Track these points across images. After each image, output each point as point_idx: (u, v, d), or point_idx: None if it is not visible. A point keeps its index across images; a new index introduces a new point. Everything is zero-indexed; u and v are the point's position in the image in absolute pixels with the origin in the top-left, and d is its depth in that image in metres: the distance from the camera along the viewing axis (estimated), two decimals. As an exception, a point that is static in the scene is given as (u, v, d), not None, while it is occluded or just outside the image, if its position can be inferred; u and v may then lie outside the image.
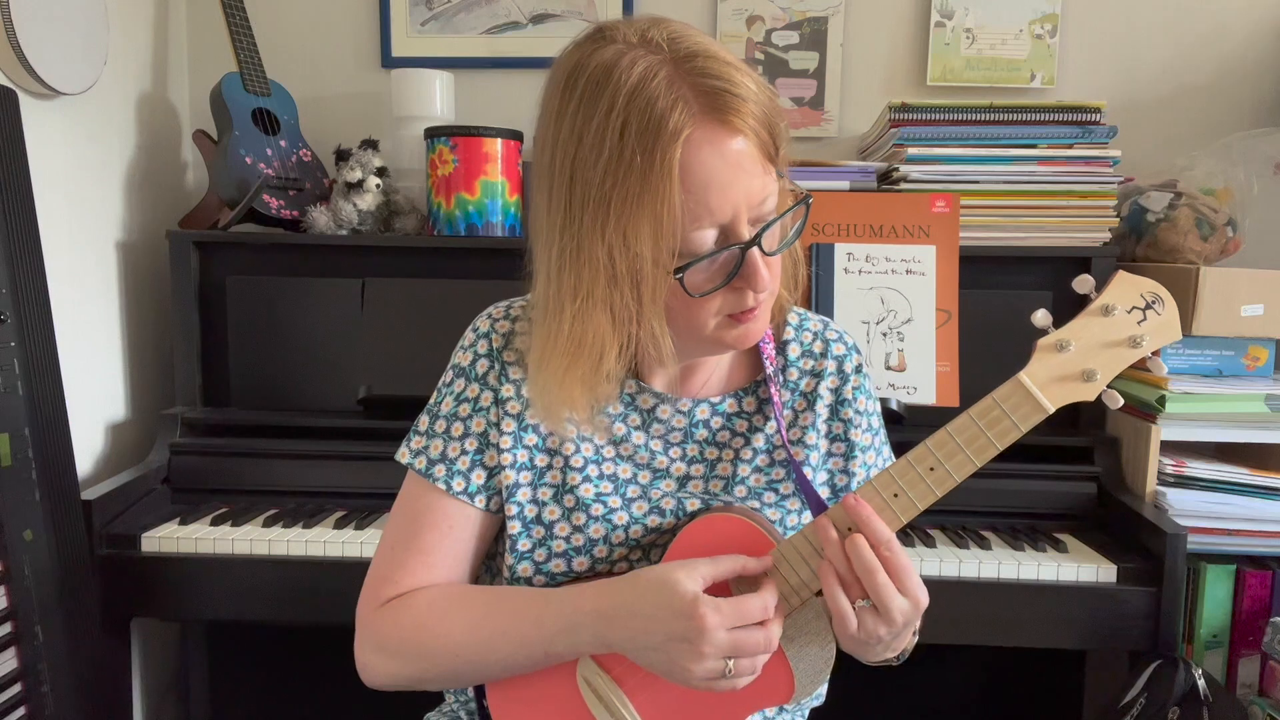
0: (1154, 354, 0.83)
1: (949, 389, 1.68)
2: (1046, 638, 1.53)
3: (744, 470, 0.98)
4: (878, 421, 1.06)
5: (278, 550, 1.55)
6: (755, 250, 0.84)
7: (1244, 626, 1.61)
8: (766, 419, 0.99)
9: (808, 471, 0.99)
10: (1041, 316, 0.83)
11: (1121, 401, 0.84)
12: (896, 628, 0.84)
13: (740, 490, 0.98)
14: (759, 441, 0.99)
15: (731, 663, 0.83)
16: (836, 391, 1.01)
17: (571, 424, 0.95)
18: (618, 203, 0.81)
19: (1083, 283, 0.82)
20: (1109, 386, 0.83)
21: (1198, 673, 1.45)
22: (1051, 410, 0.83)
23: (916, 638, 0.96)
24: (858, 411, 1.02)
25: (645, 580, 0.86)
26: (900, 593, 0.83)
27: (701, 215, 0.82)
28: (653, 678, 0.91)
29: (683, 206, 0.81)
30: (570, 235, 0.84)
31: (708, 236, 0.83)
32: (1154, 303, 0.82)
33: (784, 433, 0.97)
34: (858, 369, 1.03)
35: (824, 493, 1.01)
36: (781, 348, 1.01)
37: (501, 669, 0.92)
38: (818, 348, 1.02)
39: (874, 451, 1.05)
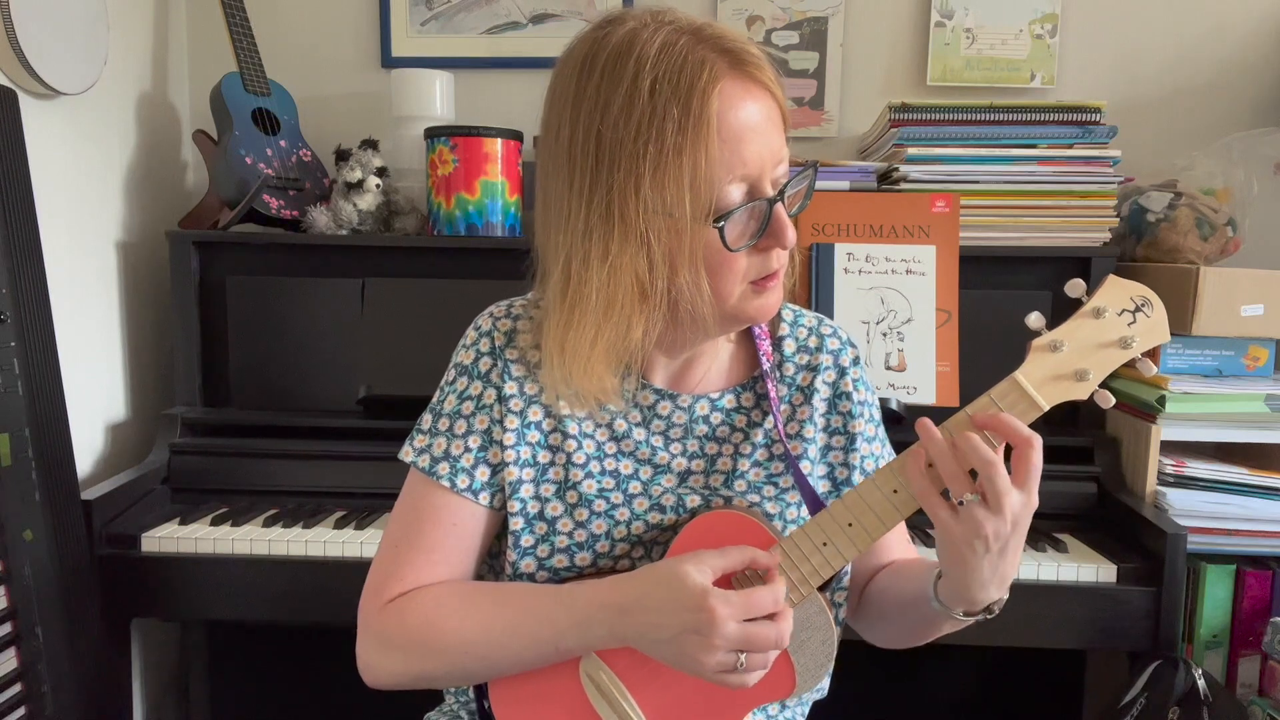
0: (1144, 355, 0.84)
1: (949, 389, 1.68)
2: (1046, 638, 1.53)
3: (744, 465, 0.98)
4: (877, 413, 1.07)
5: (278, 550, 1.55)
6: (780, 206, 0.87)
7: (1244, 626, 1.61)
8: (765, 414, 1.00)
9: (806, 465, 0.99)
10: (1035, 318, 0.84)
11: (1113, 401, 0.86)
12: (1005, 525, 0.80)
13: (740, 485, 0.98)
14: (758, 436, 0.99)
15: (744, 656, 0.83)
16: (834, 385, 1.02)
17: (582, 416, 0.96)
18: (654, 156, 0.82)
19: (1074, 287, 0.84)
20: (1100, 386, 0.84)
21: (1198, 673, 1.45)
22: (1047, 408, 0.84)
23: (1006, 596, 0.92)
24: (858, 403, 1.03)
25: (655, 574, 0.87)
26: (1017, 487, 0.80)
27: (735, 166, 0.83)
28: (656, 674, 0.91)
29: (719, 157, 0.82)
30: (599, 200, 0.85)
31: (737, 192, 0.85)
32: (1143, 305, 0.83)
33: (781, 427, 0.97)
34: (855, 361, 1.04)
35: (825, 485, 1.02)
36: (777, 343, 1.02)
37: (511, 665, 0.92)
38: (812, 343, 1.03)
39: (879, 442, 1.05)
